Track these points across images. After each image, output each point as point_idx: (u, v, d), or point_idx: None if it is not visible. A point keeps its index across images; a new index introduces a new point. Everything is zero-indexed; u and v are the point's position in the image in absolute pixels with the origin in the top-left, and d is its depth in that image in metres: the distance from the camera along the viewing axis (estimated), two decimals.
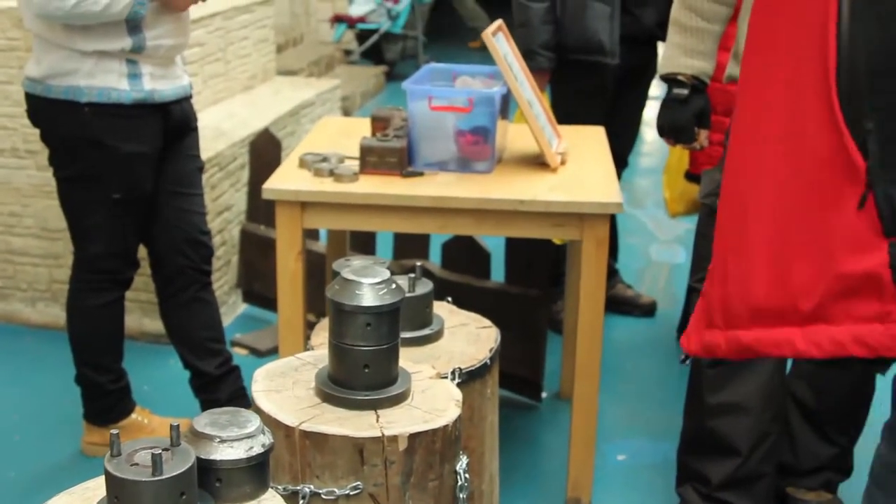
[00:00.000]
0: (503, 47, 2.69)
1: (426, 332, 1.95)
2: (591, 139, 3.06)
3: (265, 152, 3.88)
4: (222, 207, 3.78)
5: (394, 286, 1.61)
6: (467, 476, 1.62)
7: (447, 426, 1.56)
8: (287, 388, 1.64)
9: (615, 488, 2.87)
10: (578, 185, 2.61)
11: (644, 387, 3.48)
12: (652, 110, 3.07)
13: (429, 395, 1.64)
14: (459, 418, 1.60)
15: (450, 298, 2.19)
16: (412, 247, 3.49)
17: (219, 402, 2.77)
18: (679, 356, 2.10)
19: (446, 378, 1.74)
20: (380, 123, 2.80)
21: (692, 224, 3.23)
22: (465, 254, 3.32)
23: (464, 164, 2.68)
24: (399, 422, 1.54)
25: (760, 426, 2.46)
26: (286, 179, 2.61)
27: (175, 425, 1.24)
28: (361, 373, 1.58)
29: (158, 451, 1.20)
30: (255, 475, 1.34)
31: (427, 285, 1.96)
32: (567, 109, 3.42)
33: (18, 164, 3.64)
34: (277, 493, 1.39)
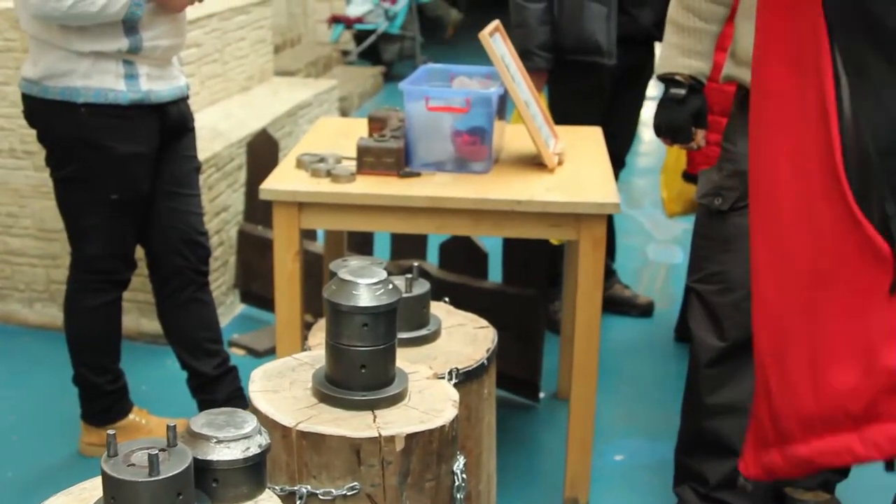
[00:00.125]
0: (500, 48, 2.69)
1: (423, 332, 1.95)
2: (589, 139, 3.06)
3: (262, 153, 3.88)
4: (220, 208, 3.78)
5: (390, 286, 1.61)
6: (464, 476, 1.62)
7: (444, 426, 1.56)
8: (284, 388, 1.64)
9: (613, 488, 2.87)
10: (575, 185, 2.61)
11: (641, 387, 3.49)
12: (649, 110, 3.07)
13: (426, 395, 1.64)
14: (456, 418, 1.60)
15: (447, 299, 2.19)
16: (409, 247, 3.49)
17: (216, 403, 2.77)
18: (738, 480, 2.06)
19: (443, 378, 1.74)
20: (377, 124, 2.80)
21: (690, 224, 3.24)
22: (463, 254, 3.32)
23: (461, 165, 2.68)
24: (396, 422, 1.54)
25: None
26: (283, 180, 2.61)
27: (172, 426, 1.24)
28: (358, 373, 1.58)
29: (155, 452, 1.20)
30: (251, 476, 1.34)
31: (424, 286, 1.96)
32: (564, 110, 3.43)
33: (16, 165, 3.64)
34: (274, 494, 1.39)
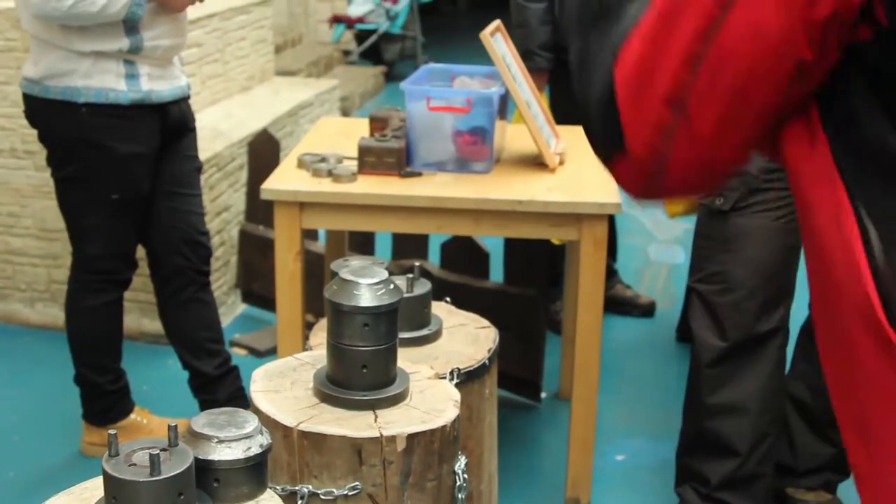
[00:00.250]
0: (501, 48, 2.69)
1: (425, 332, 1.94)
2: None
3: (264, 153, 3.88)
4: (221, 208, 3.78)
5: (392, 286, 1.61)
6: (466, 476, 1.62)
7: (445, 426, 1.55)
8: (285, 388, 1.64)
9: (614, 488, 2.87)
10: (577, 185, 2.61)
11: (643, 387, 3.48)
12: None
13: (427, 395, 1.63)
14: (458, 418, 1.60)
15: (448, 299, 2.19)
16: (411, 247, 3.49)
17: (217, 403, 2.76)
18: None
19: (445, 378, 1.74)
20: (378, 124, 2.80)
21: (691, 224, 3.22)
22: (464, 254, 3.32)
23: (462, 165, 2.68)
24: (397, 422, 1.54)
25: (759, 427, 2.46)
26: (285, 180, 2.60)
27: (173, 426, 1.24)
28: (359, 373, 1.58)
29: (156, 452, 1.20)
30: (253, 475, 1.33)
31: (425, 285, 1.95)
32: (566, 110, 3.42)
33: (17, 165, 3.64)
34: (276, 494, 1.38)
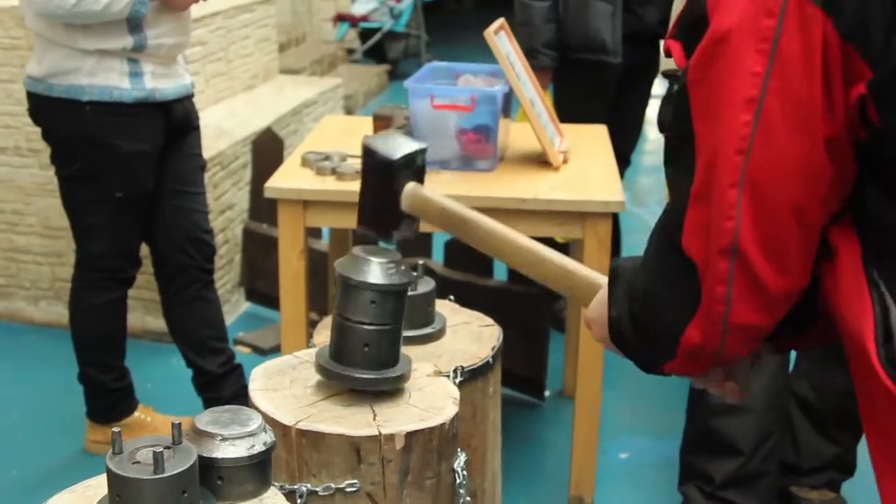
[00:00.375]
0: (505, 46, 2.69)
1: (428, 330, 1.94)
2: (594, 138, 3.06)
3: (267, 151, 3.88)
4: (224, 206, 3.78)
5: (402, 268, 1.59)
6: (465, 474, 1.62)
7: (444, 424, 1.55)
8: (284, 386, 1.64)
9: (618, 487, 2.87)
10: (581, 183, 2.61)
11: (647, 385, 3.48)
12: (655, 109, 3.06)
13: (426, 392, 1.63)
14: (457, 416, 1.60)
15: (452, 297, 2.19)
16: (414, 245, 3.49)
17: (221, 401, 2.76)
18: None
19: (445, 376, 1.74)
20: (382, 122, 2.80)
21: None
22: (468, 252, 3.29)
23: (466, 163, 2.68)
24: (396, 420, 1.53)
25: (763, 425, 2.46)
26: (288, 178, 2.61)
27: (177, 423, 1.24)
28: (361, 350, 1.56)
29: (160, 449, 1.20)
30: (256, 473, 1.33)
31: (429, 283, 1.95)
32: (569, 108, 3.42)
33: (21, 163, 3.64)
34: (279, 492, 1.38)
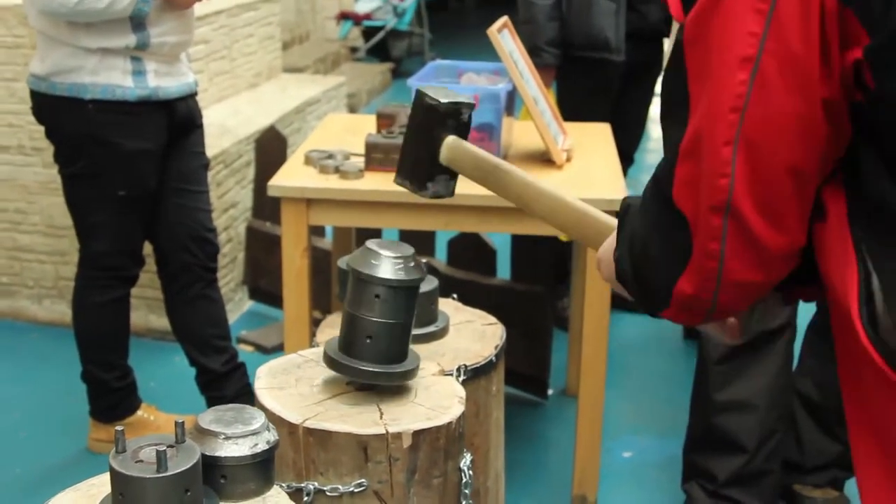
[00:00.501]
0: (508, 44, 2.69)
1: (431, 328, 1.94)
2: (597, 136, 3.05)
3: (271, 149, 3.88)
4: (228, 204, 3.78)
5: (413, 265, 1.58)
6: (472, 473, 1.62)
7: (451, 423, 1.55)
8: (290, 385, 1.64)
9: (621, 485, 2.86)
10: (584, 181, 2.61)
11: (650, 383, 3.48)
12: (658, 107, 3.07)
13: (432, 391, 1.63)
14: (463, 415, 1.60)
15: (455, 295, 2.19)
16: (417, 243, 3.45)
17: (225, 399, 2.77)
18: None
19: (451, 375, 1.74)
20: (385, 120, 2.80)
21: None
22: (471, 251, 3.32)
23: None
24: (403, 419, 1.53)
25: (767, 423, 2.46)
26: (292, 176, 2.60)
27: (180, 422, 1.24)
28: (365, 343, 1.56)
29: (163, 448, 1.20)
30: (260, 472, 1.33)
31: (432, 282, 1.95)
32: (573, 106, 3.42)
33: (25, 161, 3.64)
34: (282, 490, 1.38)
